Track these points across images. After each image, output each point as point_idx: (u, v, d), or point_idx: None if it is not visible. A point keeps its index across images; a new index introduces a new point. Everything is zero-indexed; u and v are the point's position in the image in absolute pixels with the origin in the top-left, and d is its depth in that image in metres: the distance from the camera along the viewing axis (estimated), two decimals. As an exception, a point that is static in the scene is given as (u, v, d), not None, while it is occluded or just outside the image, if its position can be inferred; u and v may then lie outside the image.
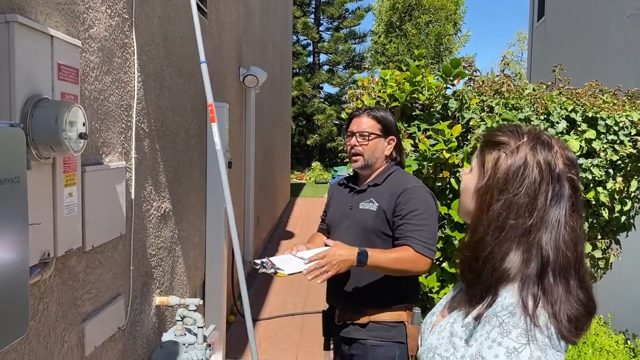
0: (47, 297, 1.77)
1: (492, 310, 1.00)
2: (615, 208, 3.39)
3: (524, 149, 1.05)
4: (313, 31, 23.80)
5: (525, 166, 1.04)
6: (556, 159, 1.05)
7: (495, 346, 0.96)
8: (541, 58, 12.13)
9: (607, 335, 3.26)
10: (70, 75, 1.77)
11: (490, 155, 1.09)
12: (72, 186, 1.81)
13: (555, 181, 1.03)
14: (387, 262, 1.99)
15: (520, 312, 0.97)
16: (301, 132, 23.99)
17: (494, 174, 1.06)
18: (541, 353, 0.94)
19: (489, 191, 1.06)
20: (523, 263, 1.01)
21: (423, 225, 2.06)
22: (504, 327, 0.96)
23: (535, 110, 3.18)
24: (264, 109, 7.62)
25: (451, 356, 1.06)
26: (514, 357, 0.93)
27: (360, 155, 2.21)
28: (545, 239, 1.01)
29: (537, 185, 1.03)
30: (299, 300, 5.57)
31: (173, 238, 3.15)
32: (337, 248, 1.95)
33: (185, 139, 3.37)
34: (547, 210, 1.02)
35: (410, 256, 2.01)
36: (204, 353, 2.70)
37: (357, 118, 2.27)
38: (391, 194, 2.14)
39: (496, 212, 1.04)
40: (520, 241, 1.02)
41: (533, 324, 0.95)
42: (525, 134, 1.09)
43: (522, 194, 1.03)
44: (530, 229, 1.02)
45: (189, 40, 3.25)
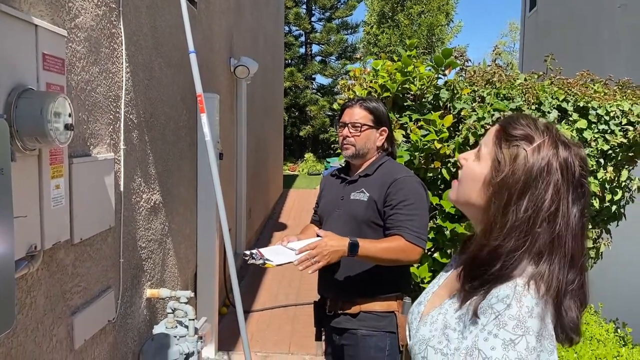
0: (35, 290, 1.75)
1: (486, 302, 0.99)
2: (606, 197, 3.40)
3: (546, 148, 1.01)
4: (305, 22, 23.67)
5: (550, 168, 0.99)
6: (574, 160, 1.01)
7: (491, 338, 0.95)
8: (533, 48, 12.13)
9: (598, 325, 3.28)
10: (56, 65, 1.74)
11: (507, 149, 1.03)
12: (59, 178, 1.79)
13: (577, 184, 1.00)
14: (378, 252, 1.99)
15: (516, 304, 0.96)
16: (294, 123, 23.92)
17: (512, 171, 1.01)
18: (537, 343, 0.94)
19: (507, 190, 1.01)
20: (543, 269, 0.98)
21: (414, 215, 2.07)
22: (500, 318, 0.95)
23: (527, 100, 3.17)
24: (256, 100, 7.58)
25: (445, 348, 1.04)
26: (511, 349, 0.93)
27: (352, 145, 2.22)
28: (570, 244, 0.98)
29: (561, 190, 0.99)
30: (291, 292, 5.57)
31: (164, 230, 3.13)
32: (329, 239, 1.95)
33: (175, 130, 3.34)
34: (570, 215, 0.99)
35: (401, 245, 2.01)
36: (195, 345, 2.69)
37: (349, 109, 2.27)
38: (382, 184, 2.14)
39: (521, 217, 0.99)
40: (544, 248, 0.99)
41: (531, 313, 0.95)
42: (544, 130, 1.03)
43: (548, 199, 0.98)
44: (559, 235, 0.98)
45: (178, 30, 3.22)
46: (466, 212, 1.15)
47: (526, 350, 0.92)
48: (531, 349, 0.93)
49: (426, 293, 1.25)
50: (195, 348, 2.69)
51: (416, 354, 1.11)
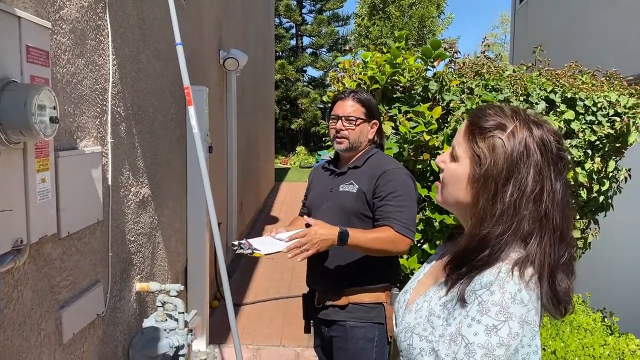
0: (22, 284, 1.74)
1: (470, 289, 1.00)
2: (594, 188, 3.43)
3: (520, 132, 1.02)
4: (296, 13, 23.58)
5: (528, 150, 1.00)
6: (549, 136, 1.03)
7: (474, 324, 0.97)
8: (523, 40, 12.16)
9: (585, 314, 3.31)
10: (40, 57, 1.72)
11: (483, 142, 1.04)
12: (45, 172, 1.78)
13: (557, 159, 1.02)
14: (368, 242, 2.00)
15: (499, 290, 0.97)
16: (285, 116, 23.88)
17: (494, 162, 1.02)
18: (520, 329, 0.95)
19: (492, 180, 1.02)
20: (533, 247, 1.00)
21: (402, 207, 2.08)
22: (483, 305, 0.97)
23: (515, 92, 3.18)
24: (246, 92, 7.55)
25: (429, 335, 1.06)
26: (493, 334, 0.94)
27: (346, 139, 2.22)
28: (558, 220, 1.00)
29: (543, 169, 1.00)
30: (282, 285, 5.58)
31: (153, 224, 3.12)
32: (318, 227, 1.95)
33: (164, 124, 3.32)
34: (555, 192, 1.01)
35: (390, 236, 2.02)
36: (185, 338, 2.69)
37: (342, 101, 2.26)
38: (371, 176, 2.15)
39: (507, 203, 1.00)
40: (532, 227, 1.00)
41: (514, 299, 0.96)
42: (514, 115, 1.05)
43: (531, 180, 1.00)
44: (546, 213, 1.00)
45: (166, 22, 3.19)
46: (454, 211, 1.16)
47: (508, 335, 0.94)
48: (514, 334, 0.94)
49: (412, 282, 1.26)
50: (185, 341, 2.69)
51: (402, 341, 1.12)
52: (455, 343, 0.98)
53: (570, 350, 2.73)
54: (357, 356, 2.16)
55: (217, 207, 3.74)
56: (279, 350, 4.07)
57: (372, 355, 2.16)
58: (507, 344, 0.94)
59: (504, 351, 0.93)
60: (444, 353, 1.00)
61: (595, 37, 8.06)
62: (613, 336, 3.03)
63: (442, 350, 1.00)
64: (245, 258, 6.57)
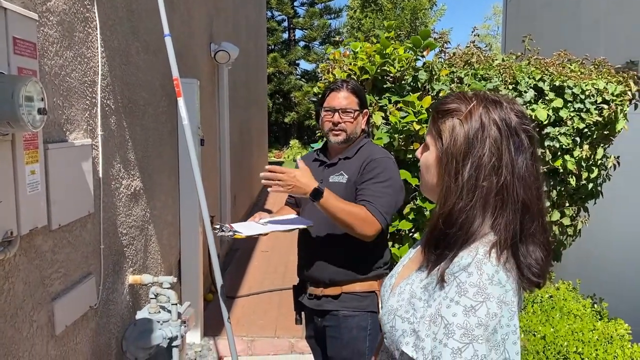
0: (13, 276, 1.75)
1: (449, 270, 1.02)
2: (583, 176, 3.46)
3: (477, 111, 1.07)
4: (287, 6, 23.50)
5: (483, 127, 1.05)
6: (508, 113, 1.07)
7: (453, 305, 0.98)
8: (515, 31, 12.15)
9: (575, 300, 3.35)
10: (28, 49, 1.72)
11: (445, 125, 1.09)
12: (34, 164, 1.78)
13: (514, 135, 1.05)
14: (338, 210, 1.97)
15: (477, 271, 0.99)
16: (278, 109, 23.84)
17: (453, 141, 1.07)
18: (498, 309, 0.97)
19: (453, 159, 1.07)
20: (501, 221, 1.03)
21: (383, 193, 2.06)
22: (461, 286, 0.99)
23: (504, 80, 3.20)
24: (238, 86, 7.53)
25: (411, 317, 1.08)
26: (472, 315, 0.96)
27: (344, 131, 2.20)
28: (520, 192, 1.03)
29: (499, 143, 1.04)
30: (276, 277, 5.59)
31: (145, 216, 3.13)
32: (300, 174, 1.96)
33: (155, 116, 3.32)
34: (515, 164, 1.04)
35: (361, 214, 2.00)
36: (178, 330, 2.71)
37: (336, 92, 2.23)
38: (359, 165, 2.15)
39: (466, 177, 1.04)
40: (494, 200, 1.04)
41: (491, 280, 0.98)
42: (472, 97, 1.10)
43: (487, 154, 1.04)
44: (504, 185, 1.03)
45: (155, 14, 3.17)
46: (432, 198, 1.20)
47: (486, 316, 0.96)
48: (492, 314, 0.96)
49: (397, 266, 1.28)
50: (178, 332, 2.71)
51: (385, 324, 1.15)
52: (435, 324, 1.00)
53: (559, 335, 2.77)
54: (350, 345, 2.17)
55: (210, 200, 3.74)
56: (273, 341, 4.09)
57: (366, 344, 2.17)
58: (486, 324, 0.96)
59: (482, 331, 0.95)
60: (424, 334, 1.02)
61: (587, 28, 8.08)
62: (602, 321, 3.07)
63: (423, 331, 1.02)
64: (240, 251, 6.58)
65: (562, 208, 3.57)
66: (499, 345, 0.96)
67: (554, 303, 3.23)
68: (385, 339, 1.16)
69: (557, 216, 3.56)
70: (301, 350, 3.98)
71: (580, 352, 2.70)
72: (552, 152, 3.39)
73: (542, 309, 3.16)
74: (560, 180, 3.47)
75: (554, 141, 3.28)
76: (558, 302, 3.22)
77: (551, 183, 3.44)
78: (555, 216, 3.54)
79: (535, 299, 3.29)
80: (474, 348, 0.95)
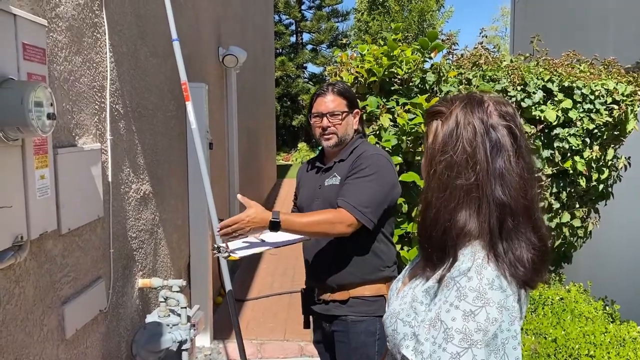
0: (23, 280, 1.76)
1: (450, 275, 1.03)
2: (593, 177, 3.43)
3: (455, 112, 1.09)
4: (295, 10, 23.56)
5: (458, 126, 1.07)
6: (488, 113, 1.08)
7: (452, 310, 0.98)
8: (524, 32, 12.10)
9: (587, 302, 3.32)
10: (37, 55, 1.73)
11: (430, 127, 1.13)
12: (43, 168, 1.79)
13: (491, 132, 1.06)
14: (303, 226, 1.98)
15: (477, 276, 0.98)
16: (286, 113, 23.88)
17: (434, 141, 1.10)
18: (498, 314, 0.96)
19: (433, 158, 1.10)
20: (478, 219, 1.03)
21: (363, 187, 2.03)
22: (461, 291, 0.99)
23: (512, 82, 3.19)
24: (247, 89, 7.56)
25: (412, 320, 1.08)
26: (471, 320, 0.96)
27: (334, 134, 2.18)
28: (496, 190, 1.03)
29: (473, 141, 1.05)
30: (285, 280, 5.60)
31: (154, 220, 3.14)
32: (253, 214, 1.92)
33: (164, 121, 3.33)
34: (490, 163, 1.04)
35: (328, 217, 1.98)
36: (188, 333, 2.71)
37: (321, 97, 2.22)
38: (350, 164, 2.13)
39: (438, 174, 1.07)
40: (469, 198, 1.04)
41: (491, 285, 0.97)
42: (458, 99, 1.12)
43: (459, 151, 1.05)
44: (478, 183, 1.04)
45: (163, 19, 3.19)
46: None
47: (486, 321, 0.95)
48: (492, 319, 0.96)
49: (405, 270, 1.28)
50: (188, 336, 2.71)
51: (387, 327, 1.15)
52: (435, 328, 1.00)
53: (571, 338, 2.74)
54: (358, 350, 2.14)
55: (219, 203, 3.75)
56: (283, 344, 4.09)
57: (375, 349, 2.14)
58: (485, 329, 0.95)
59: (481, 336, 0.95)
60: (423, 337, 1.02)
61: (596, 27, 8.03)
62: (614, 324, 3.04)
63: (422, 334, 1.03)
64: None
65: (572, 209, 3.54)
66: (498, 349, 0.96)
67: (565, 305, 3.20)
68: (387, 342, 1.16)
69: (567, 217, 3.53)
70: (311, 354, 3.97)
71: (592, 355, 2.67)
72: (562, 153, 3.37)
73: (552, 311, 3.13)
74: (570, 181, 3.45)
75: (564, 142, 3.26)
76: (569, 304, 3.19)
77: (561, 184, 3.41)
78: (565, 217, 3.51)
79: (545, 301, 3.26)
80: (473, 353, 0.95)
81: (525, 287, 1.03)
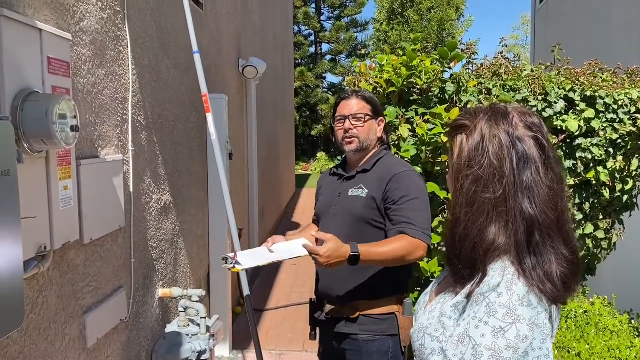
0: (46, 290, 1.78)
1: (479, 290, 1.01)
2: (617, 187, 3.37)
3: (479, 125, 1.08)
4: (314, 21, 23.70)
5: (484, 140, 1.06)
6: (514, 125, 1.06)
7: (482, 326, 0.97)
8: (545, 40, 12.02)
9: (612, 316, 3.25)
10: (61, 68, 1.77)
11: (455, 140, 1.12)
12: (67, 179, 1.82)
13: (517, 145, 1.04)
14: (382, 256, 1.92)
15: (507, 292, 0.97)
16: (305, 122, 23.96)
17: (459, 155, 1.09)
18: (529, 332, 0.94)
19: (459, 173, 1.08)
20: (506, 233, 1.02)
21: (417, 211, 2.00)
22: (491, 307, 0.97)
23: (533, 91, 3.16)
24: (266, 100, 7.61)
25: (440, 335, 1.07)
26: (500, 337, 0.94)
27: (356, 138, 2.16)
28: (525, 203, 1.02)
29: (499, 154, 1.04)
30: (304, 291, 5.59)
31: (175, 230, 3.17)
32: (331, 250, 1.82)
33: (184, 132, 3.37)
34: (517, 175, 1.03)
35: (405, 245, 1.93)
36: (207, 343, 2.72)
37: (346, 101, 2.21)
38: (380, 179, 2.08)
39: (466, 189, 1.05)
40: (497, 212, 1.02)
41: (522, 301, 0.95)
42: (481, 112, 1.11)
43: (486, 165, 1.04)
44: (506, 197, 1.02)
45: (185, 31, 3.24)
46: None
47: (516, 338, 0.93)
48: (522, 337, 0.93)
49: (434, 284, 1.27)
50: (207, 346, 2.72)
51: (415, 341, 1.14)
52: (463, 344, 0.99)
53: (595, 352, 2.69)
54: None
55: (239, 213, 3.77)
56: (302, 355, 4.08)
57: None
58: (515, 346, 0.93)
59: (511, 354, 0.93)
60: (451, 353, 1.00)
61: (619, 34, 7.93)
62: (640, 338, 2.97)
63: (450, 350, 1.01)
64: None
65: (596, 221, 3.48)
66: None
67: (589, 319, 3.14)
68: (414, 357, 1.15)
69: (591, 229, 3.47)
70: (329, 365, 3.95)
71: (617, 369, 2.62)
72: (584, 163, 3.32)
73: (576, 324, 3.08)
74: (593, 192, 3.39)
75: (586, 152, 3.22)
76: (593, 318, 3.13)
77: (584, 195, 3.36)
78: (588, 229, 3.45)
79: (569, 314, 3.20)
80: None
81: (556, 303, 1.01)
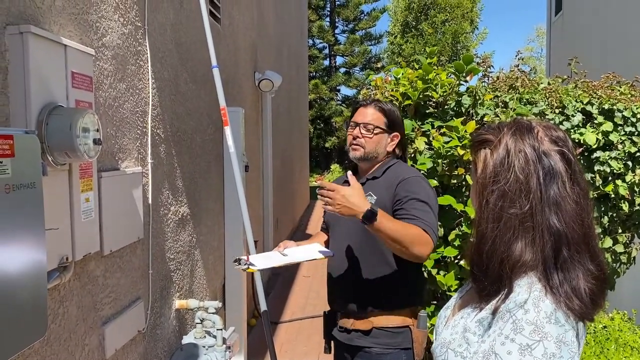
0: (67, 300, 1.81)
1: (505, 307, 1.00)
2: (636, 201, 3.34)
3: (504, 140, 1.07)
4: (329, 34, 23.88)
5: (509, 155, 1.05)
6: (539, 139, 1.06)
7: (508, 343, 0.96)
8: (560, 53, 11.98)
9: (632, 331, 3.20)
10: (84, 83, 1.81)
11: (479, 155, 1.11)
12: (88, 192, 1.85)
13: (543, 159, 1.03)
14: (393, 231, 1.80)
15: (534, 309, 0.96)
16: (319, 135, 24.06)
17: (484, 170, 1.08)
18: (556, 349, 0.93)
19: (485, 188, 1.07)
20: (533, 249, 1.01)
21: (426, 212, 1.94)
22: (517, 323, 0.96)
23: (550, 105, 3.15)
24: (281, 112, 7.66)
25: (464, 351, 1.06)
26: (527, 354, 0.93)
27: (361, 147, 2.14)
28: (552, 218, 1.01)
29: (525, 169, 1.03)
30: (319, 303, 5.58)
31: (192, 242, 3.19)
32: (351, 194, 1.79)
33: (202, 144, 3.41)
34: (544, 190, 1.02)
35: (416, 234, 1.85)
36: (223, 355, 2.72)
37: (363, 108, 2.18)
38: (389, 185, 2.06)
39: (492, 205, 1.04)
40: (524, 228, 1.01)
41: (549, 319, 0.95)
42: (505, 126, 1.10)
43: (512, 180, 1.03)
44: (532, 212, 1.01)
45: (202, 46, 3.29)
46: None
47: (543, 356, 0.92)
48: (549, 355, 0.92)
49: (455, 298, 1.26)
50: (223, 357, 2.73)
51: (437, 356, 1.13)
52: None
53: (615, 369, 2.65)
54: None
55: (254, 224, 3.79)
56: (317, 368, 4.06)
57: None
58: None
59: None
60: None
61: (635, 47, 7.87)
62: (661, 354, 2.92)
63: None
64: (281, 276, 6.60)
65: (615, 235, 3.44)
66: None
67: (609, 334, 3.09)
68: None
69: (610, 243, 3.44)
70: (344, 378, 3.93)
71: (638, 386, 2.57)
72: (603, 177, 3.29)
73: (595, 340, 3.03)
74: (612, 205, 3.36)
75: (604, 165, 3.19)
76: (613, 333, 3.08)
77: (602, 209, 3.33)
78: (607, 243, 3.42)
79: (588, 330, 3.16)
80: None
81: (583, 319, 1.00)
